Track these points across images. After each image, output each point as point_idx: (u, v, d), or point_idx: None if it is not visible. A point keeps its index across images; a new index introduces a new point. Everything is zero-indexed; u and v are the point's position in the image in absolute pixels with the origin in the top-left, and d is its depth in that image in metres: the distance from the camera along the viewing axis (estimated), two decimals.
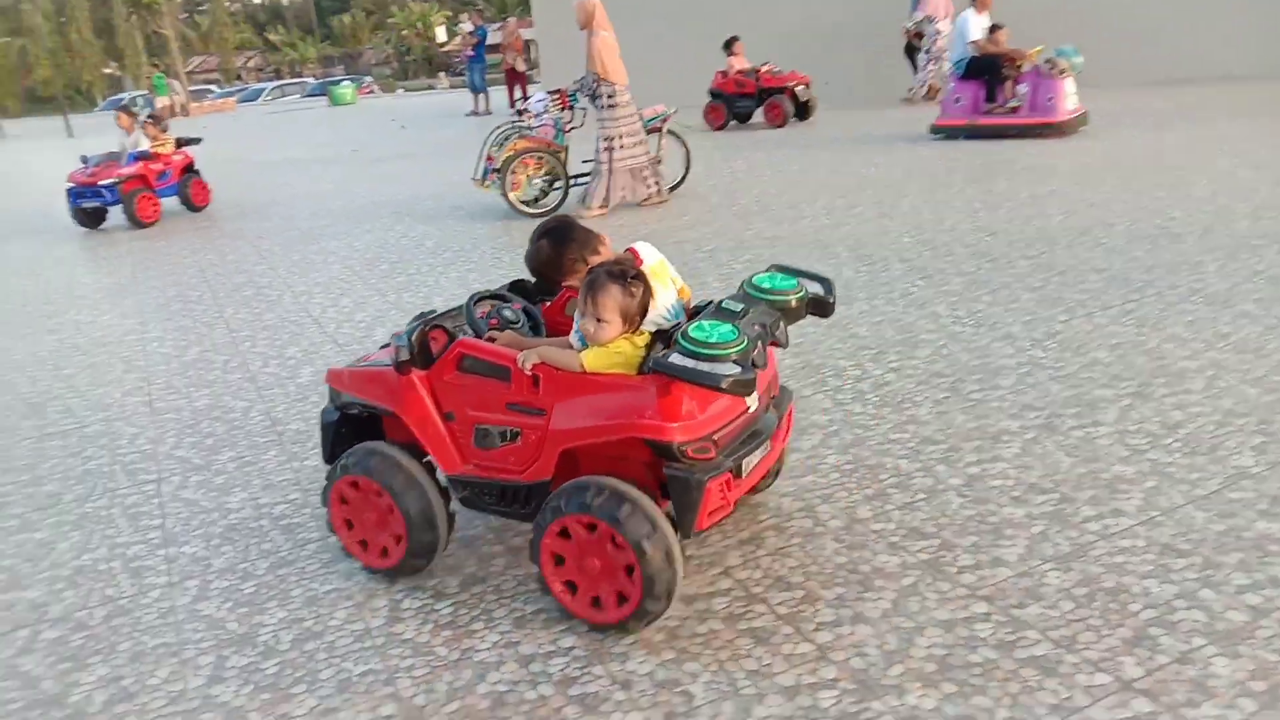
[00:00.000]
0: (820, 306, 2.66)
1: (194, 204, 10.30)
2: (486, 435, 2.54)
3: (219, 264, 7.50)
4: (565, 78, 18.22)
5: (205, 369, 4.86)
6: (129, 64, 56.17)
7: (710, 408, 2.33)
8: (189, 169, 10.37)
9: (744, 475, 2.45)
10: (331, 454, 2.83)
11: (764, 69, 13.03)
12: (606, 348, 2.38)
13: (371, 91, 38.96)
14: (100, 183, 9.45)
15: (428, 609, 2.59)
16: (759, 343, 2.29)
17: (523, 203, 8.02)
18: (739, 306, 2.44)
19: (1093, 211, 6.38)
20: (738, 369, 2.17)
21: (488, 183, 8.11)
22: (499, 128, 8.27)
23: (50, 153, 9.78)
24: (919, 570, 2.55)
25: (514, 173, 7.90)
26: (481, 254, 6.87)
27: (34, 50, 57.71)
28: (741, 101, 13.28)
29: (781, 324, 2.49)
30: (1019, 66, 10.01)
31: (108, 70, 62.85)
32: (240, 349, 5.14)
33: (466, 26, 24.51)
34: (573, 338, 2.53)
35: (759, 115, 13.37)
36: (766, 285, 2.60)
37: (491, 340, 2.60)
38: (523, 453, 2.49)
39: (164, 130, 10.31)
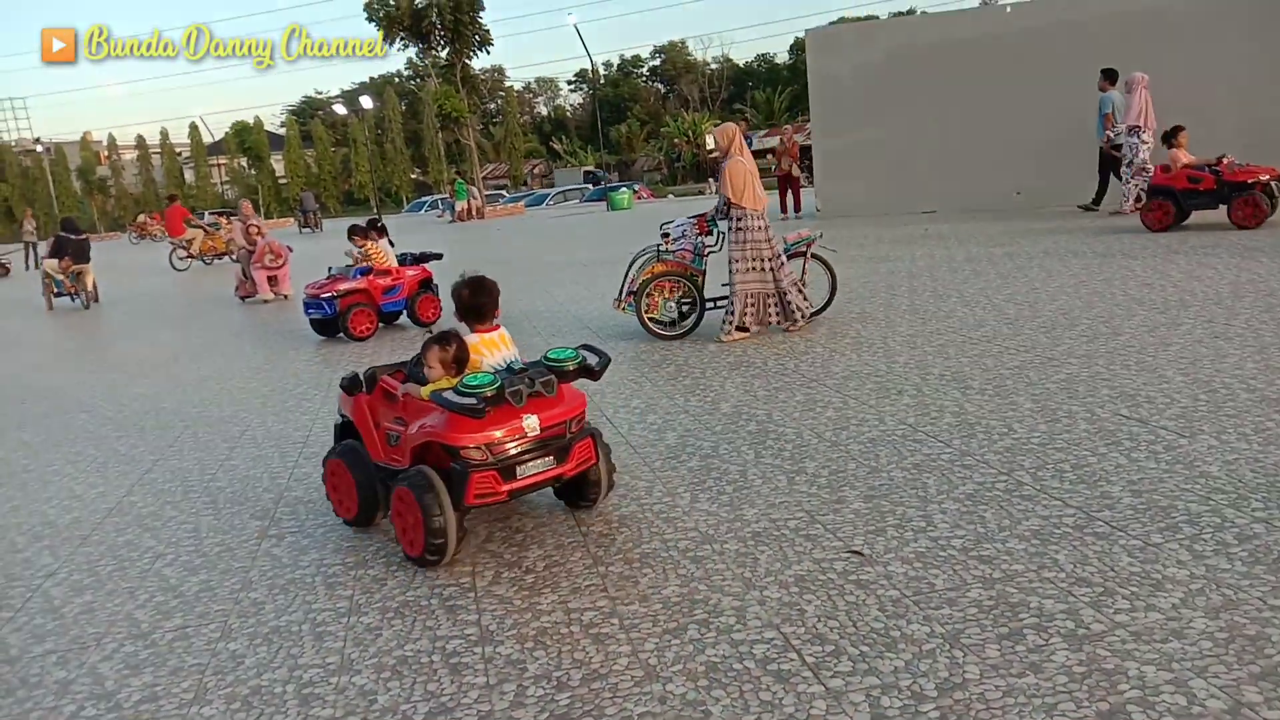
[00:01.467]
0: (589, 372, 3.92)
1: (420, 320, 10.25)
2: (389, 437, 4.02)
3: None
4: (839, 183, 18.34)
5: None
6: (432, 170, 62.43)
7: (489, 428, 3.58)
8: (425, 284, 10.39)
9: (518, 476, 3.71)
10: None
11: (1226, 161, 11.28)
12: (434, 384, 3.79)
13: (642, 197, 40.73)
14: (322, 296, 9.75)
15: None
16: (520, 390, 3.62)
17: (658, 324, 8.05)
18: (521, 366, 3.91)
19: None
20: (473, 401, 3.46)
21: (624, 305, 8.19)
22: (642, 251, 8.36)
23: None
24: None
25: (649, 295, 7.98)
26: (655, 377, 6.82)
27: (355, 159, 65.52)
28: (1193, 199, 11.50)
29: (553, 381, 3.78)
30: None
31: (413, 175, 70.13)
32: None
33: None
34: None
35: (1197, 214, 11.63)
36: (554, 356, 3.91)
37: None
38: (400, 449, 3.93)
39: (374, 242, 10.40)
